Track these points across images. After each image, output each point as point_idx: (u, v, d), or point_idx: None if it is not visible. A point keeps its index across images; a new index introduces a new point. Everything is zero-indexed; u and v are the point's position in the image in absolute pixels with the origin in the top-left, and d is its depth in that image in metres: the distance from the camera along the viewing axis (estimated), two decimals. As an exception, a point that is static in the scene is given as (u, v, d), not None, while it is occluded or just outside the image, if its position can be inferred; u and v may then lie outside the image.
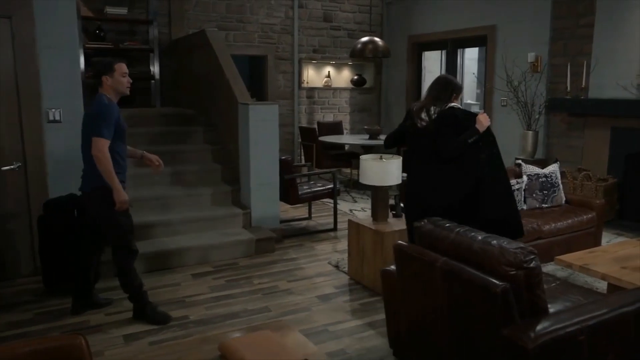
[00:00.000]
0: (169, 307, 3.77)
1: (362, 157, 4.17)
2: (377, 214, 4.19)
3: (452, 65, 8.37)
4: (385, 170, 4.08)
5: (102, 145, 3.26)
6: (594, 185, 5.84)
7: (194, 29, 7.56)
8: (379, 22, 9.39)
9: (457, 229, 2.64)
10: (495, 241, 2.43)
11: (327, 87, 9.21)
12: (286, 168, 5.36)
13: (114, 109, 3.36)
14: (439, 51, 8.68)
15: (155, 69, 6.92)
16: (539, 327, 2.24)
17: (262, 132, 5.09)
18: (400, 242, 2.84)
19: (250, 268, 4.58)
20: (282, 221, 5.99)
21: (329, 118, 9.20)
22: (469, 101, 9.91)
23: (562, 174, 6.10)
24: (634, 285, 3.22)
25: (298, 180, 5.98)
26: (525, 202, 4.84)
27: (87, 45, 6.54)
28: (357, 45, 7.61)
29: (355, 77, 9.41)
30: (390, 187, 4.18)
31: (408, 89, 9.06)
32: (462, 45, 8.21)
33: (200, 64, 6.34)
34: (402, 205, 4.49)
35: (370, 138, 7.69)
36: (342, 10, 9.04)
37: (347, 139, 7.96)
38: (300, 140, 8.17)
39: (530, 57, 6.72)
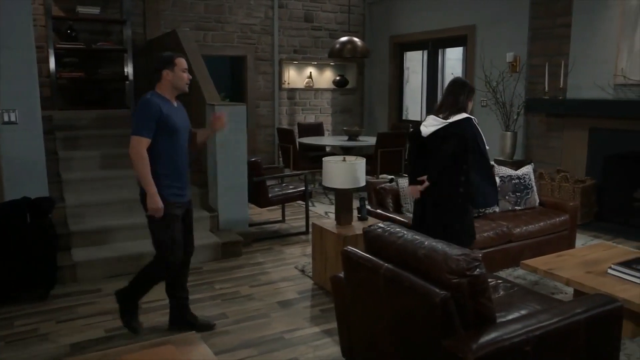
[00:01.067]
0: (124, 314, 3.65)
1: (325, 159, 4.06)
2: (341, 217, 4.07)
3: (433, 65, 8.27)
4: (349, 172, 3.97)
5: (136, 144, 2.99)
6: (571, 186, 5.75)
7: (172, 29, 7.43)
8: (360, 22, 9.28)
9: (404, 234, 2.53)
10: (441, 247, 2.31)
11: (309, 88, 9.10)
12: (256, 170, 5.24)
13: (154, 105, 3.05)
14: (421, 51, 8.57)
15: (129, 69, 6.80)
16: (482, 338, 2.13)
17: (229, 134, 4.97)
18: (347, 247, 2.73)
19: (214, 273, 4.46)
20: (254, 224, 5.88)
21: (311, 119, 9.09)
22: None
23: (540, 175, 6.02)
24: (596, 291, 3.13)
25: (270, 183, 5.87)
26: (497, 204, 4.73)
27: (58, 46, 6.43)
28: (335, 45, 7.50)
29: (337, 78, 9.30)
30: (354, 189, 4.07)
31: (390, 90, 8.96)
32: (443, 46, 8.11)
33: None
34: (368, 207, 4.38)
35: (349, 139, 7.59)
36: (324, 10, 8.93)
37: (327, 140, 7.85)
38: (278, 142, 8.05)
39: (509, 57, 6.63)
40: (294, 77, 9.04)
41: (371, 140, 7.27)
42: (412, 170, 3.76)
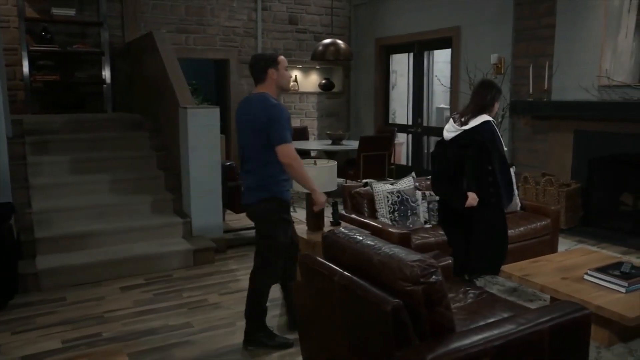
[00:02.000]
0: (84, 323, 3.54)
1: (296, 162, 3.95)
2: (312, 222, 3.97)
3: (419, 68, 8.20)
4: (319, 176, 3.86)
5: (290, 151, 3.04)
6: (556, 190, 5.67)
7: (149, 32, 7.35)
8: (346, 25, 9.22)
9: (362, 240, 2.43)
10: (396, 253, 2.22)
11: (294, 92, 9.01)
12: (230, 175, 5.14)
13: (285, 108, 3.11)
14: (407, 54, 8.50)
15: (106, 73, 6.70)
16: (437, 349, 2.03)
17: (203, 138, 4.88)
18: (305, 254, 2.63)
19: (184, 280, 4.35)
20: (231, 230, 5.78)
21: (296, 123, 8.99)
22: (442, 105, 9.74)
23: (525, 179, 5.94)
24: (570, 298, 3.04)
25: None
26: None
27: (32, 48, 6.33)
28: (318, 47, 7.42)
29: (323, 81, 9.22)
30: (326, 193, 3.96)
31: (376, 93, 8.88)
32: (428, 48, 8.05)
33: (149, 68, 6.13)
34: (342, 212, 4.28)
35: (333, 143, 7.50)
36: (308, 12, 8.86)
37: (310, 144, 7.76)
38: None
39: (493, 58, 6.55)
40: (279, 80, 8.93)
41: (356, 145, 7.19)
42: (432, 174, 3.98)
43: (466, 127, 3.67)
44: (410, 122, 8.46)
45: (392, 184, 4.38)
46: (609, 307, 2.88)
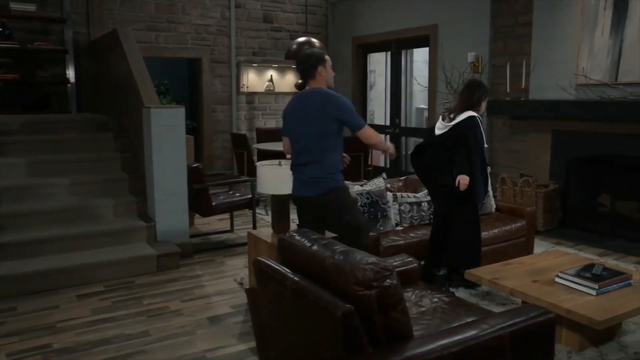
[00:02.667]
0: (34, 334, 3.43)
1: (259, 163, 3.90)
2: (276, 225, 3.90)
3: (396, 67, 8.17)
4: (283, 177, 3.80)
5: (368, 132, 3.31)
6: (533, 191, 5.65)
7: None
8: (323, 23, 9.17)
9: (317, 242, 2.36)
10: (350, 256, 2.15)
11: (269, 92, 8.94)
12: (196, 177, 5.05)
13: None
14: (384, 53, 8.48)
15: (71, 72, 6.58)
16: (391, 357, 1.98)
17: (167, 138, 4.79)
18: (260, 258, 2.56)
19: (146, 287, 4.25)
20: (199, 235, 5.70)
21: (272, 125, 8.92)
22: (422, 105, 9.72)
23: (502, 180, 5.92)
24: (539, 301, 3.00)
25: (216, 190, 5.70)
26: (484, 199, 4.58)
27: (-12, 44, 6.18)
28: (292, 46, 7.35)
29: (300, 82, 9.09)
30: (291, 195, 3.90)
31: (354, 93, 8.84)
32: (406, 46, 8.03)
33: (115, 67, 6.02)
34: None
35: (308, 145, 7.41)
36: (284, 10, 8.80)
37: (280, 145, 7.65)
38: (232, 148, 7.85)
39: (470, 57, 6.55)
40: (254, 80, 8.87)
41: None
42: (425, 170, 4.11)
43: (453, 123, 3.87)
44: (388, 123, 8.43)
45: (361, 185, 4.33)
46: (578, 311, 2.84)
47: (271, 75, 9.01)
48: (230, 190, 5.72)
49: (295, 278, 2.25)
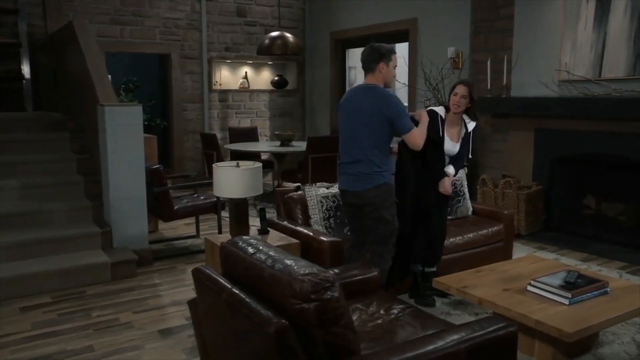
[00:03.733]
0: (-32, 350, 3.29)
1: (216, 164, 3.78)
2: (234, 231, 3.79)
3: (376, 63, 8.07)
4: (241, 180, 3.69)
5: (416, 138, 3.40)
6: (515, 193, 5.58)
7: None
8: (300, 17, 9.07)
9: (258, 250, 2.25)
10: (290, 266, 2.04)
11: (244, 90, 8.82)
12: (157, 179, 4.92)
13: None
14: (363, 48, 8.37)
15: (26, 67, 6.41)
16: (331, 376, 1.87)
17: (124, 138, 4.65)
18: (201, 267, 2.44)
19: (97, 297, 4.12)
20: (161, 240, 5.58)
21: (246, 123, 8.81)
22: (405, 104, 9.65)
23: (483, 181, 5.85)
24: (508, 311, 2.92)
25: (180, 193, 5.57)
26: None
27: None
28: (264, 40, 7.26)
29: (276, 78, 9.05)
30: (251, 198, 3.80)
31: (332, 91, 8.75)
32: (385, 41, 7.86)
33: (72, 62, 5.87)
34: (274, 219, 4.11)
35: (282, 145, 7.32)
36: (258, 4, 8.69)
37: (258, 146, 7.57)
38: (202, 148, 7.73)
39: (450, 52, 6.47)
40: (227, 77, 8.75)
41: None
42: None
43: None
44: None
45: (327, 188, 4.22)
46: (548, 322, 2.75)
47: (246, 72, 8.90)
48: (195, 194, 5.59)
49: (233, 290, 2.14)
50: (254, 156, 7.87)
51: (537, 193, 5.67)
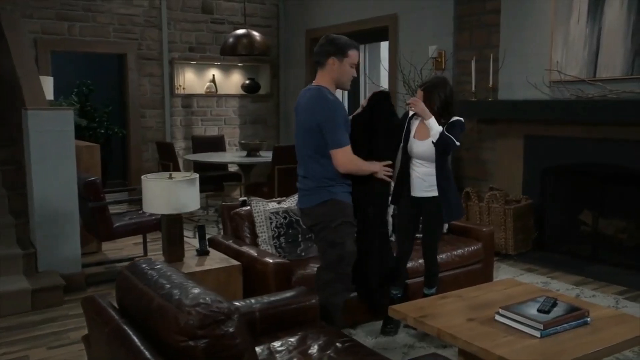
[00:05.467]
0: None
1: (144, 176, 3.59)
2: (168, 250, 3.59)
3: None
4: (174, 193, 3.50)
5: (345, 158, 3.15)
6: (501, 208, 5.40)
7: (25, 19, 6.94)
8: (273, 15, 8.94)
9: (155, 276, 2.05)
10: (180, 294, 1.84)
11: (210, 94, 8.65)
12: (93, 193, 4.72)
13: (340, 104, 3.21)
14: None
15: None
16: None
17: (51, 147, 4.46)
18: (92, 295, 2.24)
19: (10, 330, 3.88)
20: (103, 262, 5.37)
21: (213, 132, 8.63)
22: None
23: (466, 194, 5.68)
24: (468, 345, 2.72)
25: (123, 209, 5.37)
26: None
27: None
28: (228, 39, 7.10)
29: (247, 82, 8.89)
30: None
31: (308, 95, 8.58)
32: (364, 40, 7.79)
33: (2, 60, 5.69)
34: (219, 237, 3.92)
35: (248, 155, 7.14)
36: (226, -1, 8.56)
37: (222, 157, 7.38)
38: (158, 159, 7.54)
39: (432, 51, 6.31)
40: (192, 80, 8.59)
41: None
42: None
43: None
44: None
45: (278, 202, 4.03)
46: (512, 358, 2.54)
47: (213, 75, 8.75)
48: (141, 209, 5.38)
49: (118, 323, 1.94)
50: (217, 168, 7.71)
51: (526, 208, 5.49)
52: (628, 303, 4.34)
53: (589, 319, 2.92)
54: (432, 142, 3.49)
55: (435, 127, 3.49)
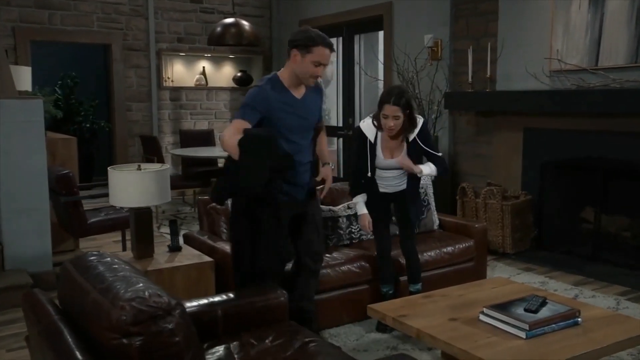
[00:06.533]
0: None
1: (111, 167, 3.50)
2: (137, 246, 3.50)
3: (348, 55, 7.84)
4: (143, 185, 3.41)
5: (225, 135, 2.92)
6: (499, 204, 5.28)
7: (2, 6, 6.86)
8: (265, 4, 8.84)
9: (102, 269, 1.95)
10: (119, 288, 1.74)
11: (200, 87, 8.56)
12: (66, 187, 4.64)
13: (260, 95, 3.02)
14: (335, 39, 8.14)
15: None
16: None
17: (19, 138, 4.37)
18: (33, 290, 2.15)
19: (-31, 332, 3.80)
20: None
21: (203, 126, 8.54)
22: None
23: (462, 190, 5.58)
24: (448, 346, 2.62)
25: (99, 205, 5.29)
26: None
27: None
28: (216, 29, 6.99)
29: (239, 74, 8.80)
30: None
31: (302, 88, 8.48)
32: (358, 30, 7.71)
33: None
34: (195, 233, 3.82)
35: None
36: (217, -13, 8.46)
37: (208, 151, 7.28)
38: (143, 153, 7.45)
39: (427, 40, 6.19)
40: (181, 72, 8.50)
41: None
42: None
43: None
44: (340, 124, 8.06)
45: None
46: (494, 361, 2.44)
47: (203, 67, 8.66)
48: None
49: (52, 319, 1.85)
50: (206, 163, 7.61)
51: (525, 204, 5.38)
52: (630, 304, 4.22)
53: (579, 319, 2.81)
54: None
55: (431, 171, 3.62)
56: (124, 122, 8.03)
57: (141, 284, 1.77)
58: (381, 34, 7.26)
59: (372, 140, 3.57)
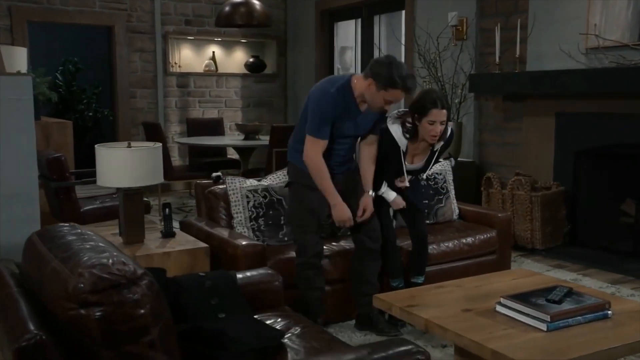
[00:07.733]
0: None
1: (98, 145, 3.47)
2: (126, 231, 3.46)
3: (368, 39, 7.78)
4: (133, 164, 3.37)
5: (310, 148, 3.33)
6: (527, 195, 5.17)
7: (-2, -12, 6.91)
8: (280, -16, 8.81)
9: (70, 240, 1.90)
10: (81, 256, 1.69)
11: (210, 73, 8.55)
12: (57, 172, 4.63)
13: (331, 97, 3.26)
14: (354, 20, 8.11)
15: None
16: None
17: (5, 119, 4.32)
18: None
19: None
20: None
21: (212, 115, 8.52)
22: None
23: (487, 180, 5.48)
24: (458, 337, 2.53)
25: (95, 192, 5.28)
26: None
27: None
28: (224, 8, 6.96)
29: (251, 60, 8.77)
30: (146, 188, 3.49)
31: (318, 75, 8.41)
32: (379, 11, 7.64)
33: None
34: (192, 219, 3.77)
35: (245, 138, 7.01)
36: (227, -34, 8.43)
37: (216, 140, 7.27)
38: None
39: (451, 17, 6.10)
40: (189, 57, 8.50)
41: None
42: None
43: None
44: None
45: (258, 180, 3.87)
46: (509, 354, 2.32)
47: (213, 52, 8.65)
48: (115, 193, 5.27)
49: (10, 290, 1.80)
50: (215, 153, 7.61)
51: (557, 196, 5.26)
52: (671, 304, 4.08)
53: (609, 312, 2.69)
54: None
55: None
56: (127, 110, 8.04)
57: (107, 253, 1.71)
58: (403, 13, 7.19)
59: (404, 149, 3.61)
